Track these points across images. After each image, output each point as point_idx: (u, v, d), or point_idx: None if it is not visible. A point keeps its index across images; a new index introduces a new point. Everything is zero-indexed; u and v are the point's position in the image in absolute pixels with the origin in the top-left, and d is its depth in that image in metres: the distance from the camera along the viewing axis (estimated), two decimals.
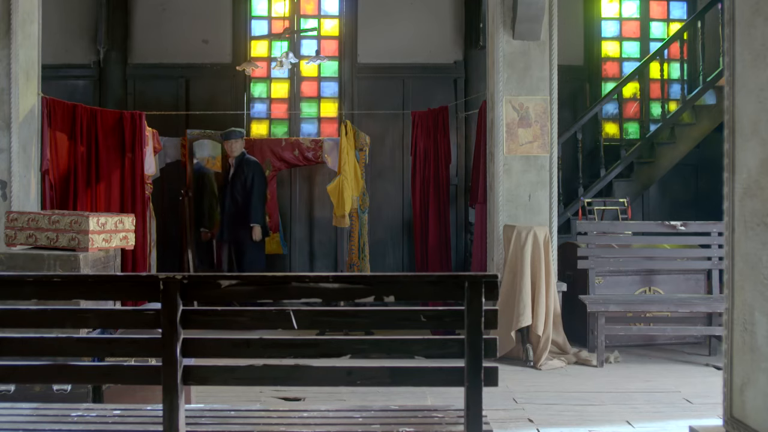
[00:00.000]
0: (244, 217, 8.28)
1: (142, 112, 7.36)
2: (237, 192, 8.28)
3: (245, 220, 8.27)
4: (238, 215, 8.29)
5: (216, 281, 2.74)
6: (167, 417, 2.70)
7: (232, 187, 8.31)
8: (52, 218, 4.57)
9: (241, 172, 8.28)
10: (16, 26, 6.77)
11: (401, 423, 3.00)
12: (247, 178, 8.26)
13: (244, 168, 8.29)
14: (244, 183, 8.26)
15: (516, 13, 6.69)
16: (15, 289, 2.71)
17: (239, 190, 8.28)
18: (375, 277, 2.76)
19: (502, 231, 6.65)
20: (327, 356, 2.78)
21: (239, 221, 8.29)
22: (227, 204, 8.35)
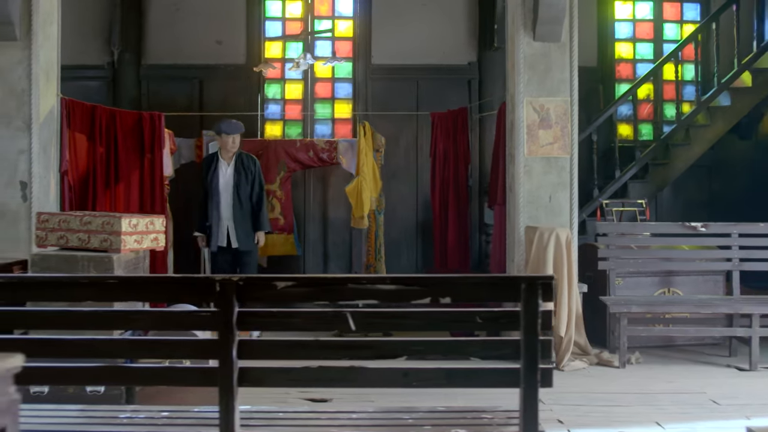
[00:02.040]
0: (251, 223, 7.38)
1: (161, 113, 7.37)
2: (242, 194, 7.35)
3: (253, 227, 7.39)
4: (245, 221, 7.35)
5: (272, 283, 2.74)
6: (224, 418, 2.70)
7: (236, 188, 7.33)
8: (83, 219, 4.57)
9: (242, 171, 7.37)
10: (37, 27, 6.78)
11: (452, 424, 3.00)
12: (255, 179, 7.41)
13: (245, 166, 7.40)
14: (252, 184, 7.38)
15: (537, 15, 6.70)
16: (70, 290, 2.71)
17: (245, 192, 7.36)
18: (431, 279, 2.76)
19: (524, 232, 6.65)
20: (383, 358, 2.78)
21: (246, 227, 7.35)
22: (232, 207, 7.32)
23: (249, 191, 7.38)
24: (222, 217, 7.34)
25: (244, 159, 7.43)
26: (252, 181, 7.39)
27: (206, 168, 7.44)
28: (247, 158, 7.47)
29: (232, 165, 7.39)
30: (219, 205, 7.31)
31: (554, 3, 6.60)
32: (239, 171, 7.37)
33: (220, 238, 7.35)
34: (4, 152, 6.77)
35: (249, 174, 7.38)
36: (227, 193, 7.34)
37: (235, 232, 7.33)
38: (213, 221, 7.36)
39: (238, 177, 7.35)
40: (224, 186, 7.35)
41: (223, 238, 7.35)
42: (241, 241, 7.34)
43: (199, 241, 7.61)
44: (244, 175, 7.36)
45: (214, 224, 7.34)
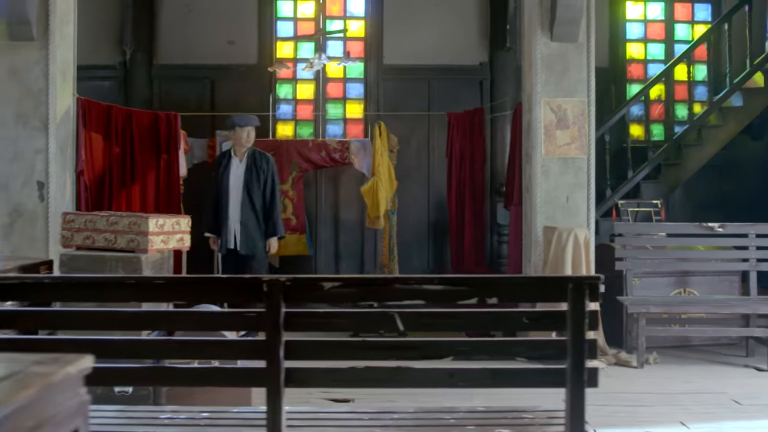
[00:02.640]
0: (261, 227, 6.93)
1: (177, 113, 7.37)
2: (254, 194, 6.90)
3: (265, 231, 6.93)
4: (253, 223, 6.91)
5: (319, 283, 2.74)
6: (271, 419, 2.70)
7: (247, 188, 6.89)
8: (110, 220, 4.56)
9: (254, 169, 6.93)
10: (54, 27, 6.77)
11: (494, 424, 3.01)
12: (267, 179, 6.95)
13: (258, 164, 6.95)
14: (265, 185, 6.94)
15: (554, 15, 6.71)
16: (116, 290, 2.71)
17: (256, 193, 6.91)
18: (478, 279, 2.77)
19: (542, 232, 6.66)
20: (429, 358, 2.78)
21: (253, 230, 6.90)
22: (241, 208, 6.89)
23: (261, 191, 6.91)
24: (230, 217, 6.93)
25: (257, 157, 6.99)
26: (264, 180, 6.92)
27: (218, 165, 7.13)
28: (260, 156, 7.03)
29: (245, 162, 6.98)
30: (228, 204, 6.91)
31: (572, 4, 6.61)
32: (251, 169, 6.94)
33: (228, 240, 6.91)
34: (21, 152, 6.76)
35: (261, 173, 6.93)
36: (237, 192, 6.91)
37: (240, 235, 6.87)
38: (222, 222, 6.96)
39: (249, 175, 6.93)
40: (234, 184, 6.93)
41: (231, 241, 6.90)
42: (246, 245, 6.85)
43: (211, 242, 7.17)
44: (255, 174, 6.93)
45: (223, 225, 6.94)
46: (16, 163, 6.77)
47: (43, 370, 1.68)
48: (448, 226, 9.24)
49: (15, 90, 6.79)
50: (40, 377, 1.62)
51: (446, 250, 9.58)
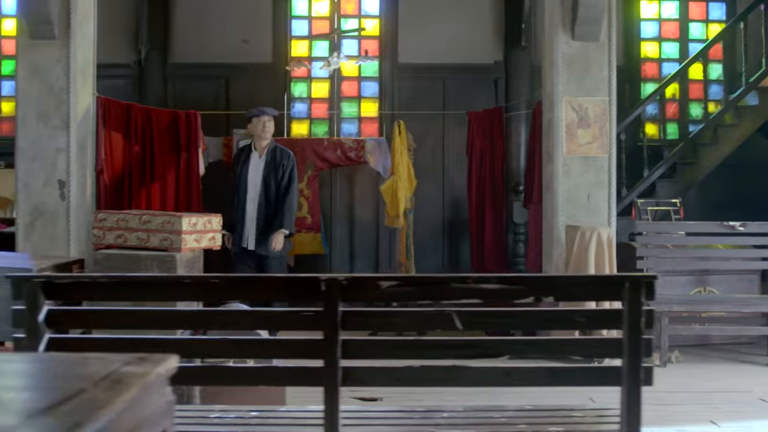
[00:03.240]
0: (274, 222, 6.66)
1: (197, 112, 7.36)
2: (271, 191, 6.65)
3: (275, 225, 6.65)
4: (268, 221, 6.66)
5: (376, 282, 2.74)
6: (329, 418, 2.70)
7: (265, 185, 6.65)
8: (143, 218, 4.56)
9: (273, 165, 6.69)
10: (75, 26, 6.77)
11: (545, 423, 3.01)
12: (285, 175, 6.70)
13: (278, 160, 6.71)
14: (281, 181, 6.69)
15: (576, 15, 6.71)
16: (172, 289, 2.71)
17: (273, 189, 6.66)
18: (534, 278, 2.77)
19: (565, 231, 6.66)
20: (485, 357, 2.78)
21: (267, 228, 6.64)
22: (259, 206, 6.67)
23: (277, 188, 6.66)
24: (247, 215, 6.69)
25: (278, 153, 6.76)
26: (282, 176, 6.67)
27: (236, 161, 6.91)
28: (281, 152, 6.78)
29: (264, 158, 6.73)
30: (245, 201, 6.66)
31: (594, 3, 6.61)
32: (270, 165, 6.69)
33: (243, 238, 6.65)
34: (42, 151, 6.76)
35: (281, 169, 6.67)
36: (255, 188, 6.67)
37: (255, 233, 6.63)
38: (237, 219, 6.71)
39: (268, 172, 6.67)
40: (252, 180, 6.70)
41: (246, 239, 6.65)
42: (261, 244, 6.59)
43: (225, 240, 6.69)
44: (274, 170, 6.67)
45: (238, 222, 6.70)
46: (37, 161, 6.77)
47: (137, 370, 1.67)
48: (466, 226, 9.25)
49: (36, 89, 6.79)
50: (138, 377, 1.62)
51: (461, 250, 9.59)
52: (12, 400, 1.41)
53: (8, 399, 1.41)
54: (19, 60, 6.81)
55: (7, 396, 1.44)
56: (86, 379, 1.60)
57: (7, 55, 9.55)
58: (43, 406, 1.34)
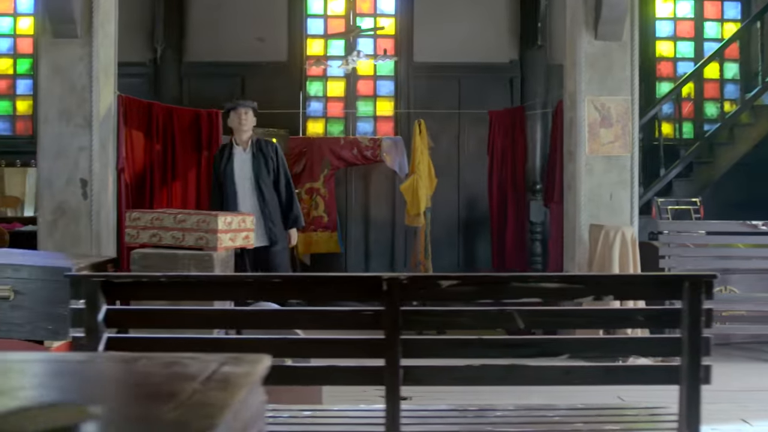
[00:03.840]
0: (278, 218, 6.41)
1: (219, 111, 7.35)
2: (264, 184, 6.36)
3: (284, 224, 6.45)
4: (269, 215, 6.35)
5: (436, 281, 2.75)
6: (390, 417, 2.71)
7: (256, 177, 6.36)
8: (177, 217, 4.57)
9: (261, 157, 6.42)
10: (98, 25, 6.77)
11: (600, 421, 3.02)
12: (279, 168, 6.44)
13: (264, 152, 6.45)
14: (277, 174, 6.43)
15: (599, 14, 6.72)
16: (235, 289, 2.72)
17: (267, 183, 6.38)
18: (593, 277, 2.79)
19: (589, 230, 6.67)
20: (545, 356, 2.79)
21: (270, 223, 6.34)
22: (255, 200, 6.34)
23: (272, 181, 6.42)
24: (241, 211, 6.26)
25: (262, 144, 6.52)
26: (275, 169, 6.43)
27: (219, 158, 6.61)
28: (266, 144, 6.56)
29: (249, 151, 6.45)
30: (236, 197, 6.34)
31: (617, 3, 6.63)
32: (258, 158, 6.42)
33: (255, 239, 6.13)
34: (65, 149, 6.76)
35: (270, 161, 6.42)
36: (245, 183, 6.38)
37: (264, 231, 6.28)
38: None
39: (257, 164, 6.40)
40: (241, 175, 6.40)
41: (258, 238, 6.14)
42: (261, 238, 6.19)
43: None
44: (263, 162, 6.40)
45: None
46: (59, 160, 6.77)
47: (239, 370, 1.67)
48: (481, 225, 9.27)
49: (58, 87, 6.79)
50: (243, 377, 1.62)
51: (477, 249, 9.60)
52: (133, 404, 1.41)
53: (126, 401, 1.42)
54: (42, 59, 6.81)
55: (124, 398, 1.44)
56: (191, 379, 1.60)
57: (23, 53, 9.55)
58: (168, 407, 1.34)
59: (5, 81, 9.57)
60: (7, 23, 9.56)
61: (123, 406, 1.44)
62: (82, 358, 1.83)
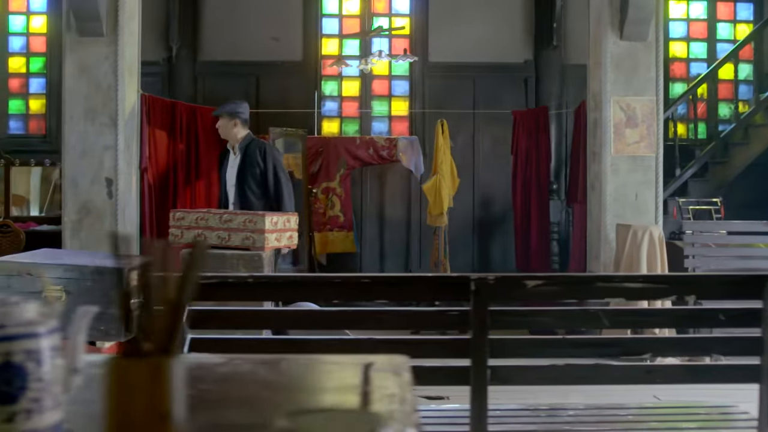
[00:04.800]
0: None
1: None
2: (249, 191, 5.95)
3: None
4: None
5: (522, 281, 2.76)
6: (476, 417, 2.72)
7: (239, 184, 5.99)
8: (223, 217, 4.56)
9: (249, 162, 6.00)
10: (123, 23, 6.75)
11: (672, 419, 3.04)
12: (268, 170, 5.97)
13: (252, 156, 6.01)
14: (263, 176, 5.97)
15: (624, 15, 6.75)
16: (321, 289, 2.72)
17: (252, 189, 5.96)
18: (676, 277, 2.80)
19: (616, 230, 6.71)
20: (628, 355, 2.81)
21: None
22: (234, 207, 5.90)
23: (257, 186, 5.96)
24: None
25: (250, 147, 6.06)
26: (263, 172, 5.96)
27: (219, 163, 6.48)
28: (255, 146, 6.09)
29: (239, 156, 6.11)
30: (227, 203, 6.09)
31: (644, 4, 6.66)
32: (244, 162, 6.04)
33: None
34: (90, 148, 6.74)
35: (257, 165, 5.96)
36: (232, 189, 6.09)
37: None
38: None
39: (243, 169, 6.03)
40: (229, 181, 6.15)
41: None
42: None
43: None
44: (249, 167, 5.98)
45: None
46: (84, 159, 6.75)
47: (393, 371, 1.68)
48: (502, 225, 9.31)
49: (84, 86, 6.77)
50: (401, 378, 1.63)
51: (492, 249, 9.62)
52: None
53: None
54: (67, 58, 6.78)
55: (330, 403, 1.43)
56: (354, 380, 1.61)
57: (36, 52, 9.49)
58: (372, 414, 1.35)
59: (18, 80, 9.50)
60: (20, 22, 9.50)
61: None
62: (219, 360, 1.82)
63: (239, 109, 6.19)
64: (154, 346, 1.00)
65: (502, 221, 9.56)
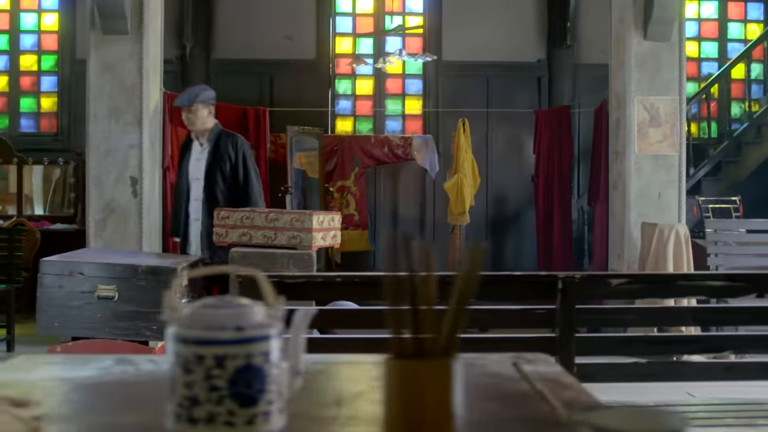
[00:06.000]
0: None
1: (266, 108, 7.33)
2: (217, 187, 5.44)
3: None
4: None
5: (606, 279, 2.78)
6: None
7: (208, 178, 5.46)
8: (269, 216, 4.55)
9: (219, 155, 5.47)
10: (148, 21, 6.72)
11: (751, 416, 3.07)
12: (238, 166, 5.44)
13: (223, 149, 5.48)
14: (234, 171, 5.45)
15: (649, 15, 6.79)
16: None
17: (220, 184, 5.44)
18: (755, 276, 2.82)
19: (641, 229, 6.75)
20: (708, 352, 2.83)
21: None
22: (202, 203, 5.46)
23: (226, 182, 5.44)
24: (190, 215, 5.57)
25: (222, 138, 5.52)
26: (233, 168, 5.44)
27: (181, 153, 5.87)
28: (226, 137, 5.55)
29: (207, 147, 5.53)
30: (188, 201, 5.58)
31: (668, 3, 6.71)
32: (214, 154, 5.48)
33: (189, 243, 5.55)
34: (114, 147, 6.70)
35: (228, 159, 5.44)
36: (197, 183, 5.53)
37: (199, 236, 5.43)
38: (182, 220, 5.64)
39: (212, 162, 5.48)
40: (194, 175, 5.56)
41: (192, 244, 5.52)
42: (207, 248, 5.31)
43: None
44: (219, 160, 5.45)
45: (182, 226, 5.63)
46: (108, 158, 6.72)
47: (548, 370, 1.69)
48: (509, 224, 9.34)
49: (108, 85, 6.73)
50: (565, 375, 1.64)
51: (505, 248, 9.65)
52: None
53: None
54: (91, 56, 6.74)
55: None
56: (525, 379, 1.62)
57: (47, 50, 9.42)
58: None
59: (29, 77, 9.44)
60: (32, 19, 9.43)
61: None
62: (344, 359, 1.82)
63: (212, 95, 5.66)
64: (437, 346, 1.01)
65: (516, 220, 9.59)
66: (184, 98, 5.55)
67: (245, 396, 1.09)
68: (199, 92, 5.63)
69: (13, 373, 1.57)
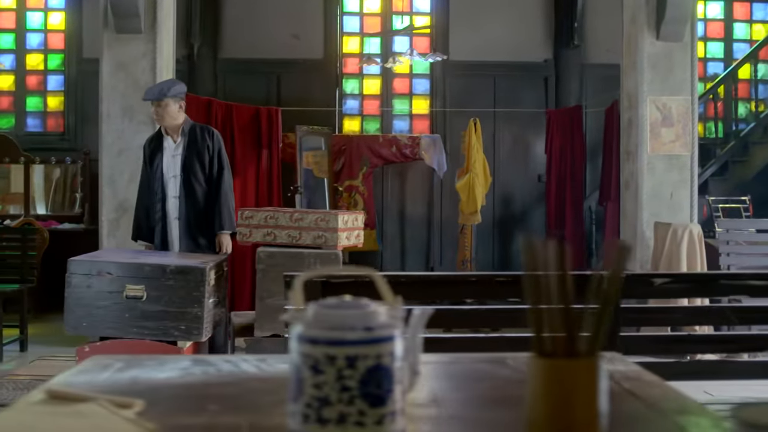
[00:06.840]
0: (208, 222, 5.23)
1: (278, 108, 7.33)
2: (197, 182, 5.26)
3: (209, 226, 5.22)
4: (198, 220, 5.26)
5: (650, 279, 2.79)
6: None
7: (185, 174, 5.25)
8: (294, 216, 4.55)
9: (197, 149, 5.27)
10: (161, 20, 6.72)
11: None
12: (213, 161, 5.29)
13: (201, 143, 5.29)
14: (211, 162, 5.29)
15: (662, 15, 6.82)
16: (477, 287, 2.74)
17: (200, 180, 5.26)
18: None
19: (654, 229, 6.77)
20: (751, 351, 2.85)
21: (201, 227, 5.25)
22: (180, 200, 5.28)
23: (205, 175, 5.28)
24: (168, 214, 5.32)
25: (198, 132, 5.33)
26: (210, 159, 5.28)
27: (145, 151, 5.56)
28: (201, 131, 5.37)
29: (182, 142, 5.32)
30: (165, 197, 5.33)
31: (681, 3, 6.74)
32: (191, 148, 5.29)
33: (169, 243, 5.29)
34: (127, 146, 6.70)
35: (206, 152, 5.27)
36: (174, 180, 5.32)
37: (179, 235, 5.26)
38: (158, 221, 5.36)
39: (189, 156, 5.28)
40: (170, 172, 5.33)
41: (172, 243, 5.28)
42: (189, 246, 5.19)
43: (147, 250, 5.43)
44: (197, 154, 5.27)
45: (159, 225, 5.34)
46: (122, 157, 6.71)
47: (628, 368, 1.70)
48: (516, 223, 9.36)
49: (121, 83, 6.73)
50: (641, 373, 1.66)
51: (512, 248, 9.66)
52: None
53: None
54: (104, 55, 6.73)
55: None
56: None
57: (54, 49, 9.39)
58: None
59: (36, 77, 9.40)
60: (38, 18, 9.39)
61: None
62: (434, 359, 1.82)
63: (182, 89, 5.46)
64: (587, 345, 1.01)
65: (523, 219, 9.61)
66: (154, 92, 5.33)
67: (375, 396, 1.09)
68: (171, 86, 5.42)
69: (85, 375, 1.57)
